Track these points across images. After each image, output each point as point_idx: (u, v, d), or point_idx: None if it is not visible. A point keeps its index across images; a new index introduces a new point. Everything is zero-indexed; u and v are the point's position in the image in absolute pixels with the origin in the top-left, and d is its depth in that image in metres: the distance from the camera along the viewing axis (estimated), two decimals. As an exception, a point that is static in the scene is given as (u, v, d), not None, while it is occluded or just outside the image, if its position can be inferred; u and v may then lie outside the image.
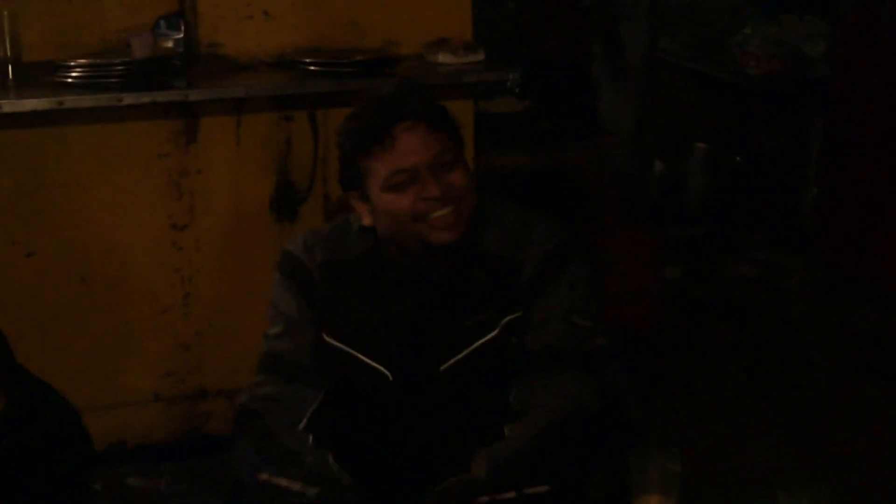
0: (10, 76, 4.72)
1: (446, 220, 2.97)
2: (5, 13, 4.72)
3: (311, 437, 3.00)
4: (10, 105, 4.51)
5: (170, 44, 4.97)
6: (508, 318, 3.03)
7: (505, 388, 3.04)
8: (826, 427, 5.49)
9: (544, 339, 3.01)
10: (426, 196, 2.95)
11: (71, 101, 4.57)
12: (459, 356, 3.04)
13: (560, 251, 3.09)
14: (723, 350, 6.37)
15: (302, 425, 3.04)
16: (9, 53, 4.74)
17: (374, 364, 3.08)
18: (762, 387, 5.93)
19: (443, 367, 3.05)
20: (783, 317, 6.81)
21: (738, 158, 7.70)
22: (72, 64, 4.67)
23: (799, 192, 7.60)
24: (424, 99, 3.10)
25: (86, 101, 4.59)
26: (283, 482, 2.90)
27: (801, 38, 7.80)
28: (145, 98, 4.66)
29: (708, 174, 7.80)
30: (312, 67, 4.89)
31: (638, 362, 4.52)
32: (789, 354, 6.32)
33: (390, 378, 3.07)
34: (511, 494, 2.83)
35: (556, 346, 3.01)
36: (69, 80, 4.64)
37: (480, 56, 5.05)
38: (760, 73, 7.63)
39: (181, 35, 5.00)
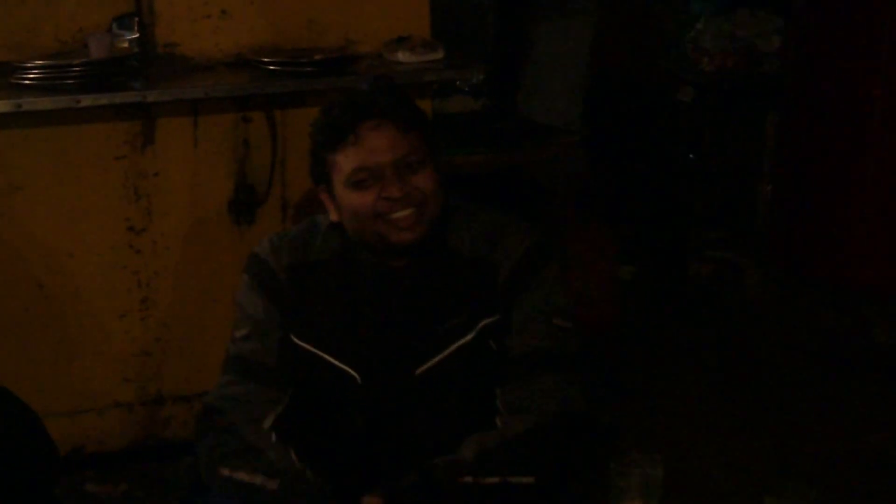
0: None
1: (407, 221, 3.02)
2: None
3: (274, 435, 3.03)
4: None
5: (125, 44, 4.98)
6: (485, 321, 3.08)
7: (481, 393, 3.08)
8: (792, 425, 5.55)
9: (528, 343, 3.05)
10: (387, 196, 3.00)
11: (28, 103, 4.56)
12: (435, 360, 3.09)
13: (535, 252, 3.13)
14: (682, 350, 6.42)
15: (267, 424, 3.07)
16: None
17: (342, 366, 3.13)
18: (724, 387, 5.98)
19: (418, 371, 3.09)
20: (740, 316, 6.86)
21: (691, 156, 7.73)
22: (28, 65, 4.66)
23: (754, 190, 7.62)
24: (397, 98, 3.14)
25: (44, 102, 4.58)
26: (245, 476, 2.95)
27: (755, 34, 7.80)
28: (103, 99, 4.65)
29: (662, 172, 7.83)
30: (271, 67, 4.90)
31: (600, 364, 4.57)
32: (748, 354, 6.39)
33: (359, 381, 3.12)
34: (495, 480, 2.89)
35: (541, 349, 3.05)
36: (25, 81, 4.64)
37: (440, 54, 5.08)
38: (713, 69, 7.64)
39: (136, 35, 5.01)
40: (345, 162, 3.04)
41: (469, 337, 3.09)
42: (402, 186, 3.00)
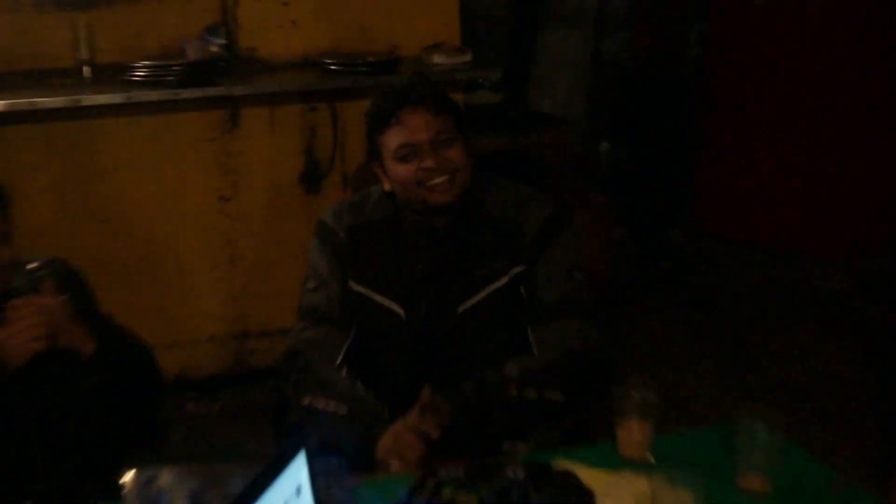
0: (87, 76, 4.79)
1: (442, 187, 3.07)
2: (82, 23, 4.79)
3: (344, 369, 3.11)
4: (88, 99, 4.56)
5: (215, 48, 5.03)
6: (516, 269, 3.13)
7: (511, 330, 3.13)
8: (752, 359, 5.62)
9: (553, 292, 3.10)
10: (425, 167, 3.07)
11: (137, 95, 4.63)
12: (474, 300, 3.13)
13: (556, 217, 3.18)
14: (663, 297, 6.47)
15: (337, 360, 3.13)
16: (84, 57, 4.80)
17: (389, 303, 3.18)
18: (692, 326, 6.04)
19: (460, 309, 3.14)
20: (703, 269, 6.86)
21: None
22: (137, 65, 4.74)
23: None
24: (430, 88, 3.20)
25: (149, 95, 4.65)
26: (321, 404, 3.00)
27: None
28: (197, 93, 4.74)
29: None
30: (332, 67, 4.98)
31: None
32: (712, 301, 6.42)
33: (403, 316, 3.17)
34: (534, 394, 2.96)
35: (564, 297, 3.10)
36: (135, 78, 4.70)
37: (468, 57, 5.15)
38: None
39: (224, 41, 5.06)
40: (390, 141, 3.12)
41: (503, 281, 3.13)
42: (436, 158, 3.08)
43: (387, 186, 3.20)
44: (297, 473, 2.12)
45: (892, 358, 5.54)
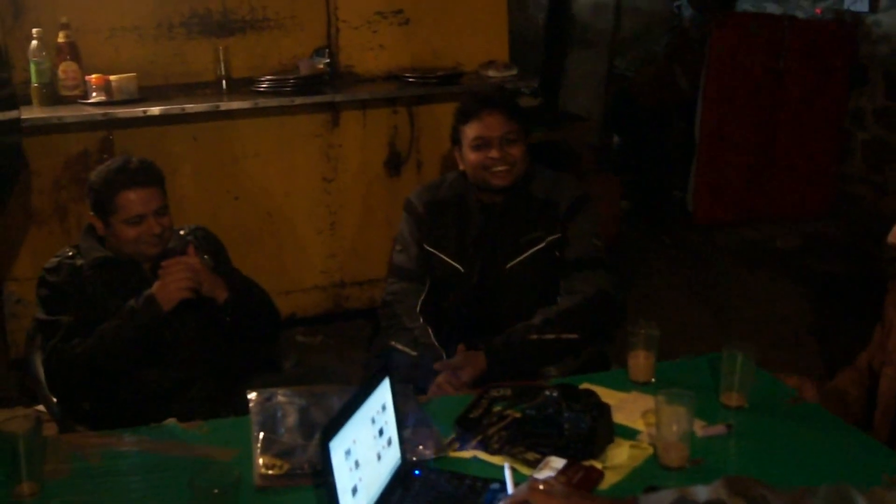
0: (224, 87, 4.80)
1: (502, 173, 3.10)
2: (221, 48, 4.81)
3: (421, 318, 3.11)
4: (225, 105, 4.55)
5: (321, 66, 5.02)
6: (551, 237, 3.12)
7: (548, 285, 3.12)
8: (727, 303, 5.59)
9: (578, 252, 3.10)
10: (492, 157, 3.09)
11: (262, 102, 4.62)
12: (519, 259, 3.13)
13: (582, 198, 3.18)
14: (656, 255, 6.36)
15: (417, 309, 3.14)
16: (222, 73, 4.81)
17: (452, 262, 3.18)
18: (682, 278, 5.98)
19: (508, 266, 3.13)
20: (689, 233, 6.73)
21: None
22: (262, 79, 4.72)
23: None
24: (506, 98, 3.23)
25: (271, 102, 4.64)
26: (400, 346, 3.04)
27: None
28: (308, 100, 4.71)
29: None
30: (410, 80, 4.93)
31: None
32: (698, 256, 6.34)
33: (462, 271, 3.17)
34: (552, 336, 2.96)
35: (586, 256, 3.10)
36: (260, 89, 4.68)
37: (514, 71, 5.06)
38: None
39: (328, 60, 5.06)
40: (470, 132, 3.13)
41: (541, 245, 3.12)
42: (501, 151, 3.09)
43: (461, 166, 3.22)
44: (383, 394, 2.15)
45: (831, 300, 5.55)
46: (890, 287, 2.69)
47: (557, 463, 2.17)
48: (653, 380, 2.65)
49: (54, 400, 2.93)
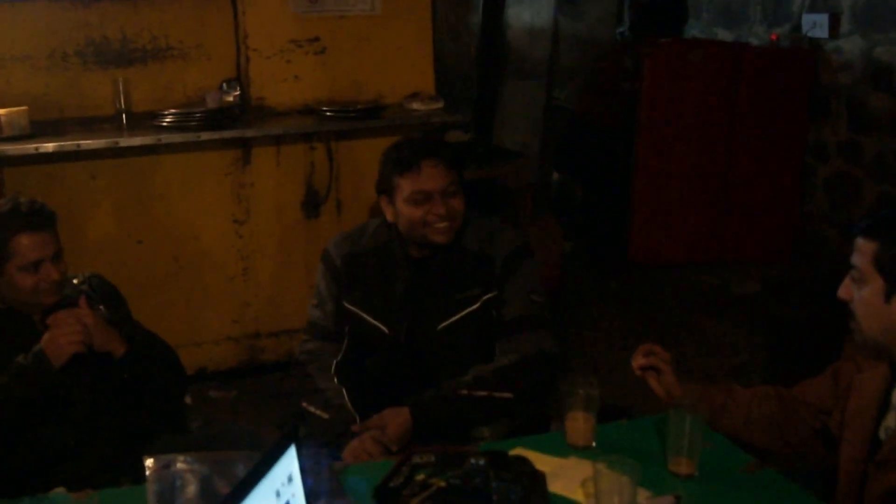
0: (124, 121, 4.72)
1: (444, 230, 3.00)
2: (120, 79, 4.75)
3: (335, 378, 3.04)
4: (125, 141, 4.48)
5: (231, 98, 4.95)
6: (487, 296, 3.05)
7: (484, 346, 3.06)
8: (680, 352, 5.49)
9: (516, 311, 3.04)
10: (434, 212, 2.97)
11: (166, 138, 4.54)
12: (452, 320, 3.06)
13: (520, 250, 3.11)
14: (601, 298, 6.38)
15: (331, 370, 3.07)
16: (122, 106, 4.75)
17: (375, 322, 3.10)
18: (631, 324, 5.97)
19: (439, 327, 3.06)
20: (639, 275, 6.75)
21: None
22: (165, 112, 4.65)
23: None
24: (445, 146, 3.18)
25: (176, 137, 4.57)
26: (312, 408, 3.00)
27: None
28: (216, 135, 4.65)
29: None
30: (328, 113, 4.88)
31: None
32: (648, 302, 6.34)
33: (387, 332, 3.09)
34: (484, 393, 2.90)
35: (524, 315, 3.04)
36: (164, 123, 4.61)
37: (441, 104, 5.02)
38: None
39: (238, 92, 4.99)
40: (407, 184, 2.98)
41: (476, 306, 3.05)
42: (444, 206, 2.97)
43: (390, 218, 3.10)
44: (289, 463, 2.04)
45: (792, 349, 5.47)
46: (846, 347, 2.60)
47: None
48: (593, 444, 2.58)
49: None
